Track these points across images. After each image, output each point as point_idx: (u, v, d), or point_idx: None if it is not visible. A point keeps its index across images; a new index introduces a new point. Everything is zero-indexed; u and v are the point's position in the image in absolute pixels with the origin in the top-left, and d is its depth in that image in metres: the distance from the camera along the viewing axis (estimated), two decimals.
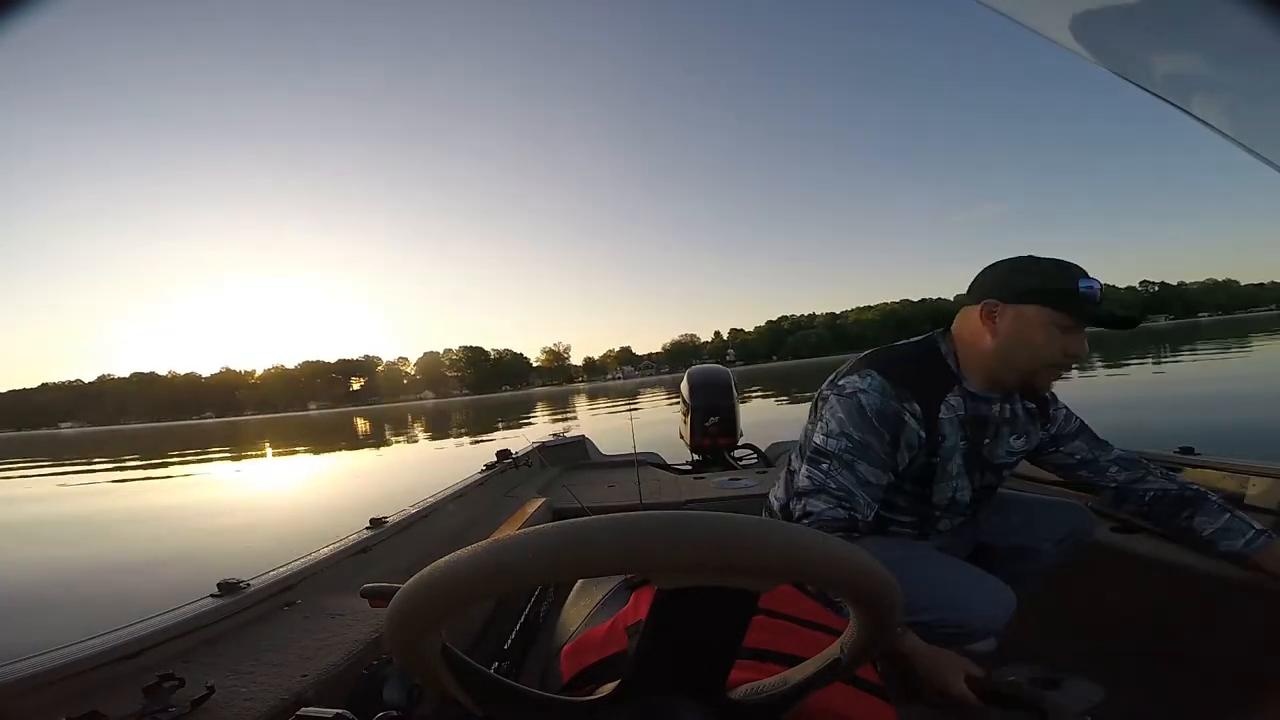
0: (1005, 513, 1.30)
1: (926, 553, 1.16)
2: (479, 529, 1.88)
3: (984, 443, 1.14)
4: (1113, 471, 1.20)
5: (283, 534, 5.54)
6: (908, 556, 1.10)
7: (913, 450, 1.09)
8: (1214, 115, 0.44)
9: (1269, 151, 0.42)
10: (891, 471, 1.08)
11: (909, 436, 1.08)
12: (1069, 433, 1.23)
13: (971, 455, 1.13)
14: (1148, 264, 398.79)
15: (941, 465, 1.12)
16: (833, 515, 1.01)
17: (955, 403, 1.11)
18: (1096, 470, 1.22)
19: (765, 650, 0.59)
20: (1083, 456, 1.22)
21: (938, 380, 1.11)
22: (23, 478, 16.49)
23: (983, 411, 1.13)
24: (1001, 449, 1.17)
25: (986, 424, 1.14)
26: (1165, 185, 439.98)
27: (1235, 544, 1.09)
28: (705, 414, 3.40)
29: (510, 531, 0.72)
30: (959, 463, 1.13)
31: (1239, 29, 0.37)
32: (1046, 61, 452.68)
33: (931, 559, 1.13)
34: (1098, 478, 1.21)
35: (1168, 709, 1.18)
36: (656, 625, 0.43)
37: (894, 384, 1.07)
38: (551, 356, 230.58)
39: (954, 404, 1.11)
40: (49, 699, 0.77)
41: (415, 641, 0.41)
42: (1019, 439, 1.19)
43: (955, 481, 1.14)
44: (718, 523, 0.37)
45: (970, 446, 1.13)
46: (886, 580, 0.42)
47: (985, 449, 1.15)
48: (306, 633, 1.03)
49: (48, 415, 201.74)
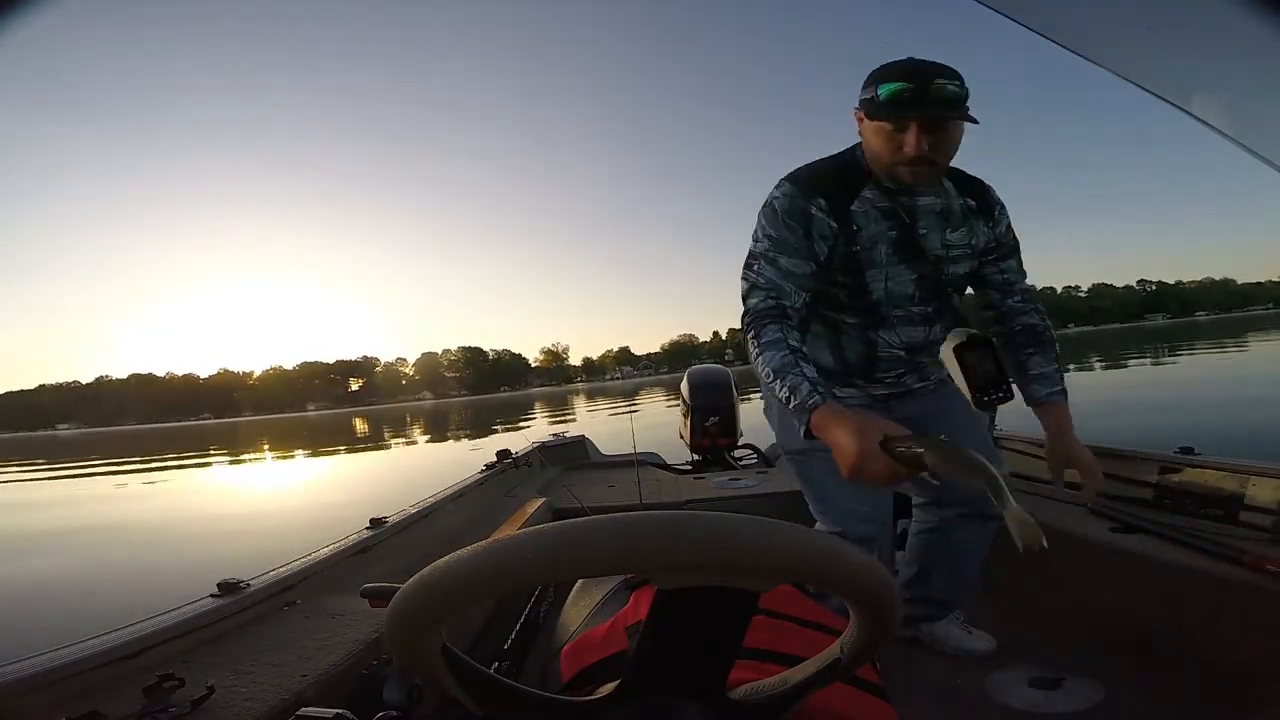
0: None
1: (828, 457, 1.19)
2: (479, 529, 1.88)
3: (919, 234, 1.20)
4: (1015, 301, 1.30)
5: (283, 534, 5.54)
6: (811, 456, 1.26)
7: (828, 240, 1.18)
8: (1213, 115, 0.44)
9: (1268, 151, 0.42)
10: (814, 262, 1.18)
11: (819, 228, 1.17)
12: (1009, 245, 1.29)
13: (902, 245, 1.20)
14: (1145, 263, 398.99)
15: (865, 254, 1.19)
16: (765, 307, 1.13)
17: (871, 196, 1.19)
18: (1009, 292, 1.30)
19: (765, 650, 0.59)
20: (1010, 278, 1.29)
21: (850, 179, 1.20)
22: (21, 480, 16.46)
23: (907, 204, 1.20)
24: (938, 240, 1.22)
25: (915, 214, 1.20)
26: (1164, 184, 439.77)
27: (1038, 391, 1.26)
28: (705, 414, 3.40)
29: (510, 531, 0.72)
30: (886, 250, 1.20)
31: (1239, 29, 0.37)
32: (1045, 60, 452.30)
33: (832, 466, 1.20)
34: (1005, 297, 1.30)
35: (1167, 709, 1.18)
36: (656, 625, 0.43)
37: (803, 187, 1.19)
38: (550, 357, 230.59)
39: (869, 197, 1.19)
40: (49, 699, 0.77)
41: (415, 641, 0.41)
42: (957, 232, 1.23)
43: (886, 270, 1.20)
44: (718, 523, 0.37)
45: (901, 236, 1.20)
46: (886, 580, 0.42)
47: (921, 239, 1.21)
48: (306, 633, 1.03)
49: (45, 417, 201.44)
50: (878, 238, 1.19)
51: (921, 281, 1.23)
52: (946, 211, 1.22)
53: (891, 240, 1.19)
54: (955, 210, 1.23)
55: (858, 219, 1.18)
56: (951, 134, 1.10)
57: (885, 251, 1.20)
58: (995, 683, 1.35)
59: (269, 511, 7.49)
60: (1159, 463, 1.60)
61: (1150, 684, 1.25)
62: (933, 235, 1.21)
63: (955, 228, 1.23)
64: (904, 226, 1.19)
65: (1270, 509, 1.31)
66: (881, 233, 1.19)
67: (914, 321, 1.26)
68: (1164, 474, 1.58)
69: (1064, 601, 1.56)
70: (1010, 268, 1.30)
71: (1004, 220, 1.28)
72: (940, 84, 1.05)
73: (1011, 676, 1.36)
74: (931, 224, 1.21)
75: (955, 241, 1.23)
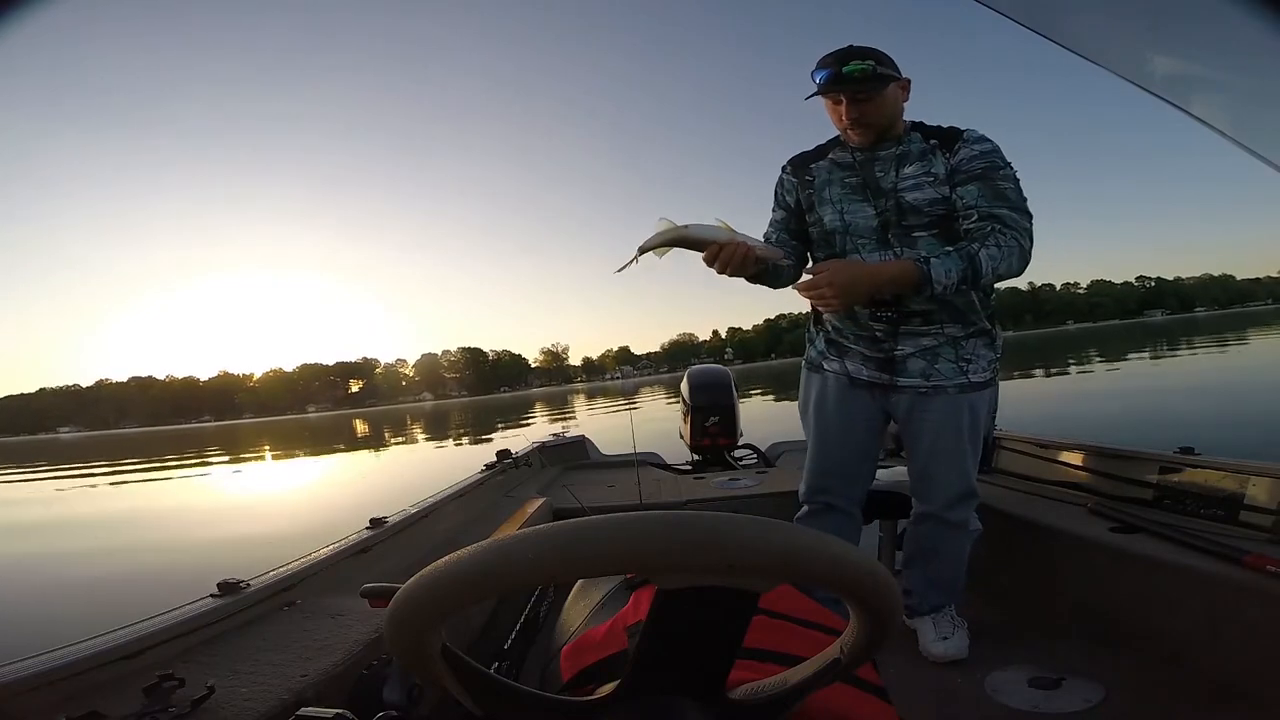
0: (914, 455, 1.51)
1: (826, 421, 1.55)
2: (479, 529, 1.88)
3: (875, 175, 1.42)
4: (972, 223, 1.36)
5: (283, 534, 5.54)
6: (809, 403, 1.58)
7: (792, 194, 1.54)
8: (1213, 114, 0.44)
9: (1268, 150, 0.42)
10: (784, 210, 1.57)
11: (785, 187, 1.56)
12: (970, 172, 1.36)
13: (858, 186, 1.44)
14: (1144, 259, 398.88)
15: (818, 194, 1.49)
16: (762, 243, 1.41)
17: (835, 156, 1.48)
18: (966, 216, 1.37)
19: (765, 650, 0.59)
20: (967, 201, 1.36)
21: (827, 149, 1.51)
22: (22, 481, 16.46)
23: (865, 156, 1.44)
24: (891, 177, 1.41)
25: (874, 163, 1.43)
26: (1163, 181, 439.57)
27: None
28: (705, 414, 3.39)
29: (510, 531, 0.72)
30: (837, 190, 1.46)
31: (1239, 29, 0.37)
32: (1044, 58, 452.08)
33: (826, 427, 1.55)
34: (963, 221, 1.38)
35: (1167, 709, 1.18)
36: (656, 625, 0.43)
37: (787, 164, 1.57)
38: (550, 357, 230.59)
39: (833, 157, 1.49)
40: (49, 699, 0.77)
41: (415, 641, 0.41)
42: (912, 166, 1.40)
43: (841, 205, 1.45)
44: (718, 522, 0.37)
45: (856, 180, 1.44)
46: (886, 580, 0.42)
47: (877, 180, 1.42)
48: (306, 633, 1.03)
49: (46, 420, 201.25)
50: (831, 181, 1.47)
51: (881, 216, 1.42)
52: (904, 155, 1.41)
53: (845, 183, 1.45)
54: (913, 152, 1.41)
55: (815, 172, 1.50)
56: (876, 101, 1.35)
57: (837, 192, 1.46)
58: (995, 683, 1.35)
59: (269, 512, 7.50)
60: (1159, 463, 1.60)
61: (1150, 684, 1.25)
62: (887, 176, 1.42)
63: (910, 164, 1.40)
64: (859, 172, 1.44)
65: (1270, 509, 1.31)
66: (837, 178, 1.46)
67: (874, 248, 1.43)
68: (1164, 474, 1.58)
69: (1064, 601, 1.56)
70: (968, 192, 1.36)
71: (967, 151, 1.37)
72: (854, 65, 1.31)
73: (1011, 676, 1.36)
74: (887, 167, 1.42)
75: (910, 174, 1.40)
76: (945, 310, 1.41)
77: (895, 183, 1.40)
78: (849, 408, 1.51)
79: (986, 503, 1.61)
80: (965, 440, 1.44)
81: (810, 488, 1.56)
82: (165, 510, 8.91)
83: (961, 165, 1.36)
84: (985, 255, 1.30)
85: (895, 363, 1.44)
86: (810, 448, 1.58)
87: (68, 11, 3.61)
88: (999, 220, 1.32)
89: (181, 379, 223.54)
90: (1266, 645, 1.09)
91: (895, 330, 1.43)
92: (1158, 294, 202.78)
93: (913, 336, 1.42)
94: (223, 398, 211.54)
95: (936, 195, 1.37)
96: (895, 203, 1.39)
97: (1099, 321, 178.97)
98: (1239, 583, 1.14)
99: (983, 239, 1.32)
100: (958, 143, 1.37)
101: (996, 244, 1.31)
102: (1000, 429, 2.12)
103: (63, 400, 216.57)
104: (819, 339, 1.58)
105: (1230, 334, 29.14)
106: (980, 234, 1.33)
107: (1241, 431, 5.58)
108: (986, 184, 1.34)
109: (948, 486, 1.46)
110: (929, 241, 1.39)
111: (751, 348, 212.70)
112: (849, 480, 1.54)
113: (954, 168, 1.36)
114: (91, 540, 6.32)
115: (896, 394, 1.46)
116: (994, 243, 1.31)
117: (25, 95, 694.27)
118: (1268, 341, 21.92)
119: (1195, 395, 9.68)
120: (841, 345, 1.52)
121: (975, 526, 1.51)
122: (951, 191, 1.36)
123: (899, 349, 1.43)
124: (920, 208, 1.38)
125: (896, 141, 1.41)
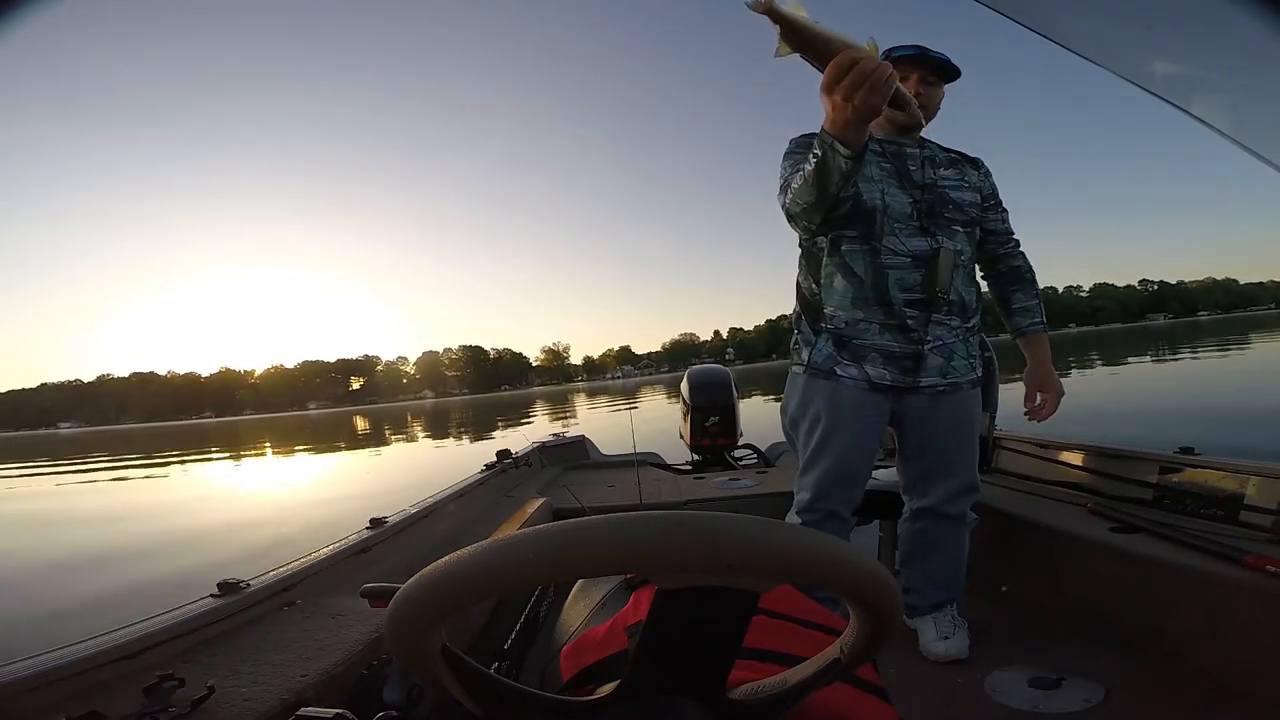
0: (923, 455, 1.51)
1: (839, 431, 1.45)
2: (479, 529, 1.88)
3: (908, 167, 1.46)
4: (1008, 246, 1.62)
5: (283, 534, 5.54)
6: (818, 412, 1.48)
7: None
8: (1214, 115, 0.44)
9: (1269, 151, 0.42)
10: None
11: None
12: (996, 200, 1.59)
13: (894, 172, 1.45)
14: (1147, 263, 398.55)
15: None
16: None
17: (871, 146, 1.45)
18: (1004, 239, 1.61)
19: (765, 650, 0.59)
20: (1005, 226, 1.61)
21: None
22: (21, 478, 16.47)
23: (895, 149, 1.47)
24: (931, 173, 1.47)
25: (904, 157, 1.47)
26: (1165, 184, 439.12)
27: (1021, 322, 1.60)
28: (705, 414, 3.39)
29: (510, 531, 0.72)
30: (876, 170, 1.44)
31: (1239, 29, 0.37)
32: (1045, 59, 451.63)
33: (840, 438, 1.45)
34: (999, 244, 1.61)
35: (1167, 709, 1.18)
36: (656, 625, 0.43)
37: None
38: (551, 356, 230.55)
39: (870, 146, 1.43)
40: (49, 699, 0.77)
41: (415, 641, 0.41)
42: (948, 171, 1.50)
43: (881, 185, 1.43)
44: (718, 522, 0.37)
45: (893, 166, 1.46)
46: (887, 580, 0.42)
47: (913, 172, 1.46)
48: (306, 633, 1.03)
49: (47, 415, 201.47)
50: (869, 161, 1.42)
51: (918, 205, 1.44)
52: (932, 158, 1.49)
53: (882, 167, 1.45)
54: (940, 159, 1.50)
55: None
56: (938, 92, 1.48)
57: (877, 171, 1.44)
58: (995, 683, 1.35)
59: (269, 511, 7.50)
60: (1159, 463, 1.60)
61: (1150, 684, 1.25)
62: (921, 172, 1.47)
63: (942, 168, 1.49)
64: (891, 161, 1.46)
65: (1270, 509, 1.31)
66: (874, 159, 1.44)
67: (914, 233, 1.43)
68: (1164, 474, 1.58)
69: (1064, 601, 1.56)
70: (1004, 217, 1.61)
71: (990, 181, 1.58)
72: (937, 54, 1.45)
73: (1011, 676, 1.36)
74: (918, 164, 1.47)
75: (949, 176, 1.49)
76: (963, 304, 1.47)
77: (934, 179, 1.48)
78: (866, 415, 1.44)
79: (986, 503, 1.61)
80: (974, 435, 1.52)
81: (814, 498, 1.46)
82: (166, 509, 8.92)
83: (990, 193, 1.57)
84: (1034, 279, 1.62)
85: (920, 359, 1.41)
86: (813, 458, 1.47)
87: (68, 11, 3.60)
88: (1017, 243, 1.63)
89: (183, 375, 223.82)
90: (1266, 645, 1.09)
91: (928, 318, 1.41)
92: (1161, 297, 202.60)
93: (942, 325, 1.43)
94: (224, 394, 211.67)
95: (974, 199, 1.52)
96: (938, 196, 1.47)
97: (1101, 325, 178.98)
98: (1239, 583, 1.14)
99: (1021, 258, 1.62)
100: (981, 169, 1.57)
101: (1026, 261, 1.62)
102: (1000, 429, 2.12)
103: (64, 395, 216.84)
104: (821, 341, 1.47)
105: (1233, 337, 29.10)
106: (1017, 254, 1.62)
107: (1241, 431, 5.57)
108: (1006, 213, 1.62)
109: (954, 481, 1.49)
110: (963, 236, 1.50)
111: (752, 348, 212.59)
112: (852, 487, 1.48)
113: (986, 191, 1.56)
114: (91, 539, 6.32)
115: (914, 395, 1.44)
116: (1025, 261, 1.63)
117: (29, 92, 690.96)
118: (1270, 345, 21.90)
119: (1195, 395, 9.68)
120: (857, 347, 1.43)
121: (972, 518, 1.54)
122: (983, 201, 1.55)
123: (929, 339, 1.41)
124: (963, 206, 1.49)
125: (919, 144, 1.51)
